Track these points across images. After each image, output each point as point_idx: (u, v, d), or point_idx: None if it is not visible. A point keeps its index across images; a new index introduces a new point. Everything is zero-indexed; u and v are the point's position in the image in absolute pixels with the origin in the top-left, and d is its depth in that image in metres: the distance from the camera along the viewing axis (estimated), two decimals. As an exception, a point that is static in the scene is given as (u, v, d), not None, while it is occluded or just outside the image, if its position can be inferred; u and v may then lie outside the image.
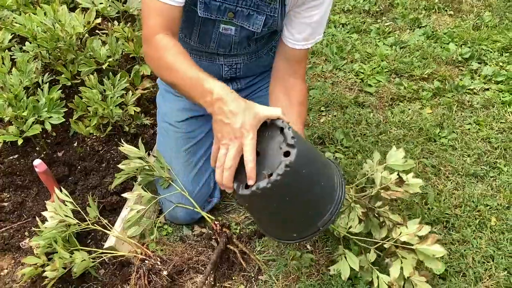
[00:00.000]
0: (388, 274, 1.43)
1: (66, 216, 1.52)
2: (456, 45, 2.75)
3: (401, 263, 1.41)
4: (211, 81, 1.23)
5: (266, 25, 1.53)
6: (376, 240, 1.51)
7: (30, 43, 2.08)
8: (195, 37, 1.66)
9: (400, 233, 1.42)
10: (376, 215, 1.54)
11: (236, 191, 1.21)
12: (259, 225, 1.45)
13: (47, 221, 1.52)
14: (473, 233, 1.73)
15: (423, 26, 2.95)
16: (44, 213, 1.51)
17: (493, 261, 1.64)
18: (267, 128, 1.23)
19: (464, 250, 1.67)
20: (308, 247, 1.71)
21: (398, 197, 1.52)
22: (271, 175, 1.14)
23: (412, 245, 1.39)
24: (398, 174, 1.52)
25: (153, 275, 1.54)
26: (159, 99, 1.95)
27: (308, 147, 1.22)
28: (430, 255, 1.36)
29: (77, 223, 1.54)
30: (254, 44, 1.70)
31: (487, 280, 1.59)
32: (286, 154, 1.14)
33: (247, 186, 1.18)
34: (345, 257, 1.49)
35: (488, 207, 1.82)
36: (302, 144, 1.17)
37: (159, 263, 1.57)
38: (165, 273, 1.55)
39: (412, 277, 1.42)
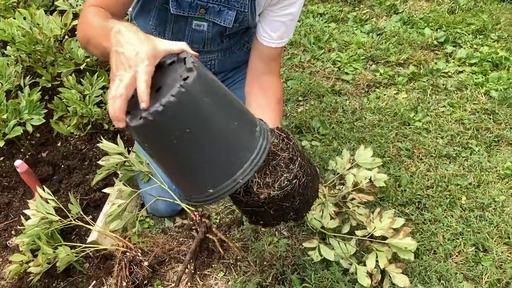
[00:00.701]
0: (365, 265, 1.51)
1: (48, 213, 1.58)
2: (432, 29, 2.79)
3: (376, 256, 1.50)
4: (115, 21, 1.15)
5: (237, 20, 1.57)
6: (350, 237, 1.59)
7: (11, 47, 2.13)
8: (168, 34, 1.70)
9: (375, 228, 1.51)
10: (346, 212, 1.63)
11: (128, 125, 1.01)
12: (173, 183, 1.20)
13: (30, 219, 1.57)
14: (444, 212, 1.79)
15: (399, 12, 2.99)
16: (26, 211, 1.56)
17: (462, 238, 1.70)
18: (171, 66, 1.06)
19: (435, 229, 1.74)
20: (285, 233, 1.77)
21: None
22: None
23: (387, 238, 1.49)
24: (370, 179, 1.62)
25: (134, 266, 1.60)
26: None
27: (213, 79, 1.05)
28: (402, 248, 1.46)
29: (59, 219, 1.60)
30: (227, 41, 1.74)
31: (457, 256, 1.66)
32: (185, 79, 0.97)
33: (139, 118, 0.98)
34: (319, 249, 1.56)
35: (459, 186, 1.88)
36: (206, 73, 1.02)
37: (140, 254, 1.63)
38: (146, 264, 1.61)
39: (388, 268, 1.50)
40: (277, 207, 1.17)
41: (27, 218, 1.70)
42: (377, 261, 1.49)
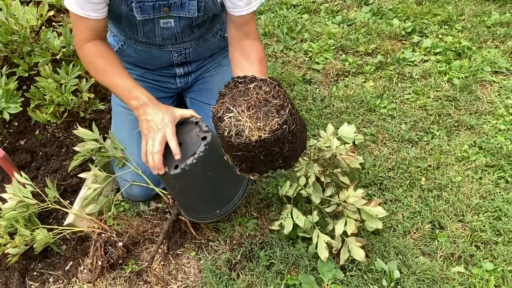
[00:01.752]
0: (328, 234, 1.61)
1: (25, 197, 1.65)
2: (400, 20, 2.90)
3: (345, 223, 1.59)
4: (138, 89, 1.59)
5: (200, 9, 1.64)
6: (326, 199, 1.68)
7: (-14, 37, 2.17)
8: (141, 34, 1.77)
9: (348, 195, 1.61)
10: (329, 176, 1.72)
11: (168, 172, 1.49)
12: (187, 210, 1.70)
13: (7, 203, 1.64)
14: (404, 193, 1.90)
15: (370, 4, 3.08)
16: (3, 195, 1.63)
17: (420, 216, 1.81)
18: (184, 126, 1.58)
19: (395, 208, 1.85)
20: (254, 213, 1.86)
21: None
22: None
23: (358, 203, 1.59)
24: (353, 143, 1.74)
25: (109, 247, 1.68)
26: None
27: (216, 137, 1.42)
28: (373, 215, 1.57)
29: (36, 203, 1.67)
30: (198, 30, 1.81)
31: (414, 233, 1.77)
32: (203, 138, 1.49)
33: (176, 167, 1.48)
34: (292, 215, 1.65)
35: (419, 168, 1.99)
36: (213, 131, 1.42)
37: (114, 235, 1.71)
38: (120, 244, 1.69)
39: (349, 239, 1.60)
40: (267, 152, 1.23)
41: (4, 202, 1.77)
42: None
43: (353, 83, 2.48)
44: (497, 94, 2.35)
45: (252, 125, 1.20)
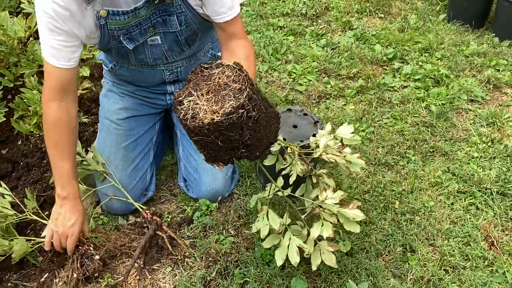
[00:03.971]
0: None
1: (4, 207, 1.66)
2: (382, 46, 2.98)
3: (322, 225, 1.53)
4: (71, 182, 1.68)
5: (181, 23, 1.67)
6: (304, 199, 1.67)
7: (-27, 46, 2.19)
8: (132, 61, 1.82)
9: (326, 196, 1.55)
10: (312, 176, 1.70)
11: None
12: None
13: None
14: (378, 215, 1.95)
15: (354, 28, 3.17)
16: None
17: (392, 239, 1.86)
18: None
19: (369, 230, 1.89)
20: (232, 231, 1.89)
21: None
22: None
23: (336, 206, 1.53)
24: (341, 141, 1.67)
25: (86, 260, 1.69)
26: (102, 98, 2.09)
27: None
28: (350, 218, 1.52)
29: (15, 213, 1.68)
30: (187, 49, 1.85)
31: (386, 255, 1.82)
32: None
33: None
34: (267, 216, 1.59)
35: (394, 192, 2.05)
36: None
37: (92, 249, 1.72)
38: (97, 257, 1.71)
39: (322, 244, 1.56)
40: (224, 138, 1.20)
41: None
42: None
43: (334, 105, 2.54)
44: (472, 122, 2.42)
45: (208, 108, 1.18)
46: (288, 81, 2.72)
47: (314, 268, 1.55)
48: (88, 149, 2.09)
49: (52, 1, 1.44)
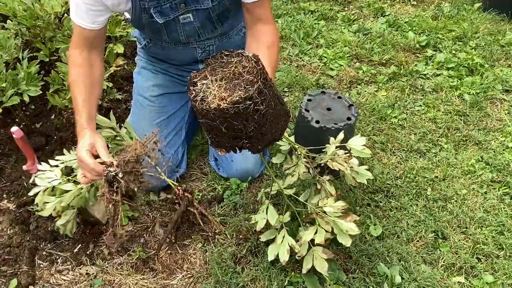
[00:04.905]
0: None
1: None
2: (415, 33, 2.94)
3: (316, 231, 1.52)
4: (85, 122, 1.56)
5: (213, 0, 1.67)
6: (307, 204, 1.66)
7: (11, 21, 2.22)
8: (165, 37, 1.82)
9: (326, 203, 1.55)
10: (315, 182, 1.71)
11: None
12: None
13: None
14: (410, 201, 1.93)
15: (386, 15, 3.13)
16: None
17: (424, 225, 1.84)
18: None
19: (400, 216, 1.88)
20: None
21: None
22: None
23: (333, 215, 1.51)
24: (349, 150, 1.68)
25: (114, 181, 1.47)
26: (136, 75, 2.10)
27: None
28: (344, 230, 1.48)
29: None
30: (220, 26, 1.84)
31: (418, 241, 1.80)
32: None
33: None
34: (267, 210, 1.61)
35: (426, 179, 2.03)
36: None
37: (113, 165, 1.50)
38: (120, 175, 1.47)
39: (316, 249, 1.54)
40: (228, 125, 1.22)
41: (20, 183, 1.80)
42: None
43: (365, 91, 2.52)
44: (507, 112, 2.38)
45: (217, 93, 1.20)
46: (319, 66, 2.70)
47: (304, 271, 1.54)
48: (122, 125, 2.11)
49: None
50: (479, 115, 2.36)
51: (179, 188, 1.83)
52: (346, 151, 1.71)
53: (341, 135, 1.75)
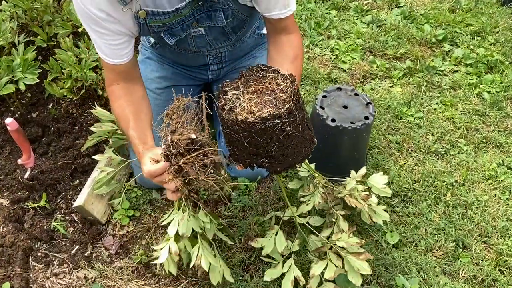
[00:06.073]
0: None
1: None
2: (431, 26, 2.80)
3: (327, 265, 1.44)
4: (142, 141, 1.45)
5: (227, 17, 1.52)
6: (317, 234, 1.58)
7: (7, 2, 2.08)
8: (174, 47, 1.72)
9: (340, 237, 1.47)
10: (330, 213, 1.62)
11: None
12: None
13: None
14: (428, 207, 1.83)
15: (401, 6, 2.99)
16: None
17: (444, 233, 1.74)
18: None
19: (418, 222, 1.77)
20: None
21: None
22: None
23: (345, 251, 1.44)
24: (369, 188, 1.61)
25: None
26: (140, 65, 1.96)
27: None
28: (355, 268, 1.41)
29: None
30: (234, 36, 1.70)
31: (437, 250, 1.70)
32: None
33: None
34: (275, 236, 1.52)
35: (445, 183, 1.91)
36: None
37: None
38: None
39: (327, 285, 1.47)
40: (251, 141, 1.19)
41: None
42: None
43: (380, 86, 2.39)
44: (528, 113, 2.27)
45: (247, 106, 1.18)
46: (330, 58, 2.57)
47: None
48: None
49: (84, 5, 1.31)
50: (499, 115, 2.24)
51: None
52: (366, 187, 1.63)
53: (363, 170, 1.65)
